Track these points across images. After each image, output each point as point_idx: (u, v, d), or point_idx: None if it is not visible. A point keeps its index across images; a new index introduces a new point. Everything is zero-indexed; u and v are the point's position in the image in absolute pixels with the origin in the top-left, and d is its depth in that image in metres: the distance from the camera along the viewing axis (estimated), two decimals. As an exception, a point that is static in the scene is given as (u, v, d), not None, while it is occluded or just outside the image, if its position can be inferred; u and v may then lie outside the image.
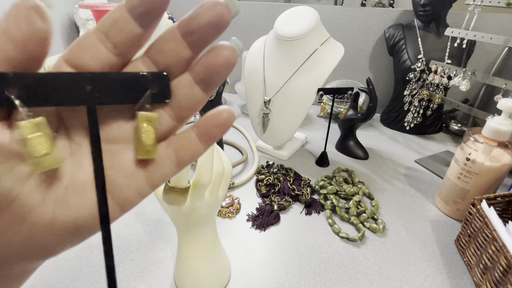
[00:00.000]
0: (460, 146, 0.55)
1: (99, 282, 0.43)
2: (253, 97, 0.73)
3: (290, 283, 0.44)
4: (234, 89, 1.11)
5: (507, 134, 0.50)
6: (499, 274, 0.38)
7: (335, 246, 0.50)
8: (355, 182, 0.65)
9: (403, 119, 0.88)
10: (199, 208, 0.34)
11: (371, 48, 0.99)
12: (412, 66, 0.85)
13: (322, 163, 0.73)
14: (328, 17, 0.98)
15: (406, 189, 0.65)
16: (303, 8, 0.66)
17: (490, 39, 0.64)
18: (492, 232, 0.41)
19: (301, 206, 0.59)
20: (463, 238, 0.49)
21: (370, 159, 0.76)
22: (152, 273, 0.44)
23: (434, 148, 0.83)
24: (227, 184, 0.37)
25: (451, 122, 0.91)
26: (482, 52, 0.89)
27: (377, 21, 0.95)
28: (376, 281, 0.44)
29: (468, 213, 0.48)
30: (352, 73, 1.05)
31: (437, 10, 0.81)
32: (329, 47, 0.65)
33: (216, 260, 0.41)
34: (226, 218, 0.55)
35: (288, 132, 0.70)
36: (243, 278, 0.44)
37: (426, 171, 0.72)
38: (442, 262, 0.48)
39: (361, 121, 0.73)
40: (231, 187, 0.63)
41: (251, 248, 0.49)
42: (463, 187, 0.54)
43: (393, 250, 0.50)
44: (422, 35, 0.86)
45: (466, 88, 0.67)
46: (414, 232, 0.53)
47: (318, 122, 0.98)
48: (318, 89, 0.64)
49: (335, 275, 0.45)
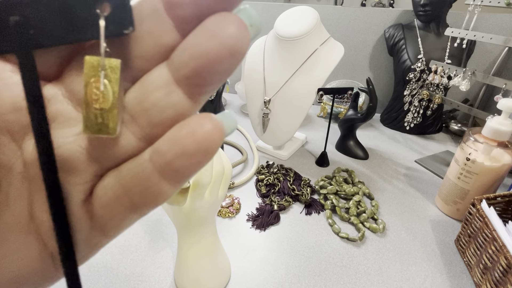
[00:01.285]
0: (460, 146, 0.55)
1: (99, 282, 0.43)
2: (253, 97, 0.73)
3: (290, 283, 0.44)
4: (234, 89, 1.11)
5: (507, 134, 0.50)
6: (499, 274, 0.38)
7: (335, 246, 0.50)
8: (355, 182, 0.65)
9: (403, 119, 0.88)
10: (199, 208, 0.34)
11: (371, 48, 0.99)
12: (412, 66, 0.85)
13: (322, 163, 0.73)
14: (328, 17, 0.98)
15: (406, 189, 0.65)
16: (303, 8, 0.66)
17: (490, 39, 0.64)
18: (492, 232, 0.41)
19: (301, 206, 0.59)
20: (463, 238, 0.49)
21: (370, 159, 0.76)
22: (152, 273, 0.44)
23: (434, 148, 0.83)
24: (227, 184, 0.37)
25: (451, 122, 0.91)
26: (482, 52, 0.89)
27: (377, 21, 0.95)
28: (376, 281, 0.44)
29: (468, 213, 0.48)
30: (352, 73, 1.05)
31: (437, 10, 0.81)
32: (329, 47, 0.65)
33: (216, 260, 0.41)
34: (226, 218, 0.55)
35: (288, 132, 0.70)
36: (243, 278, 0.44)
37: (426, 171, 0.72)
38: (442, 262, 0.48)
39: (361, 121, 0.73)
40: (231, 187, 0.63)
41: (251, 248, 0.49)
42: (463, 187, 0.54)
43: (393, 250, 0.50)
44: (422, 35, 0.86)
45: (466, 88, 0.67)
46: (414, 232, 0.53)
47: (318, 122, 0.98)
48: (318, 89, 0.64)
49: (335, 275, 0.45)
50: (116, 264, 0.45)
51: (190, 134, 0.09)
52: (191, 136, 0.09)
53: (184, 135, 0.09)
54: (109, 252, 0.47)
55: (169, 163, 0.09)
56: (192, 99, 0.09)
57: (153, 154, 0.09)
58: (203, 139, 0.09)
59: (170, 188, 0.10)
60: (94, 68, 0.09)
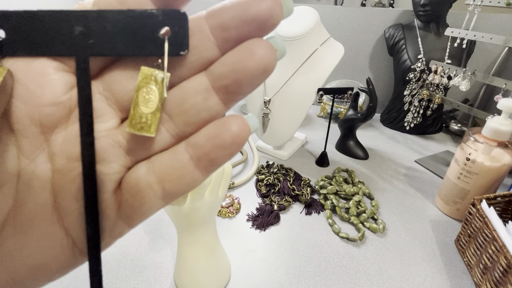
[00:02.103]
0: (460, 146, 0.55)
1: (99, 282, 0.43)
2: (253, 97, 0.73)
3: (290, 283, 0.44)
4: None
5: (507, 134, 0.50)
6: (499, 274, 0.38)
7: (335, 246, 0.50)
8: (355, 182, 0.65)
9: (403, 119, 0.88)
10: (199, 208, 0.34)
11: (371, 48, 0.99)
12: (412, 66, 0.85)
13: (322, 163, 0.73)
14: (328, 17, 0.98)
15: (406, 189, 0.65)
16: (303, 8, 0.66)
17: (490, 39, 0.64)
18: (492, 232, 0.41)
19: (301, 206, 0.59)
20: (463, 238, 0.49)
21: (370, 159, 0.76)
22: (152, 273, 0.44)
23: (434, 148, 0.83)
24: (227, 184, 0.37)
25: (451, 122, 0.91)
26: (482, 52, 0.89)
27: (377, 21, 0.95)
28: (376, 281, 0.44)
29: (468, 213, 0.48)
30: (352, 73, 1.05)
31: (437, 10, 0.81)
32: (329, 47, 0.65)
33: (216, 260, 0.41)
34: (226, 218, 0.55)
35: (288, 132, 0.70)
36: (243, 278, 0.44)
37: (426, 171, 0.72)
38: (442, 262, 0.48)
39: (361, 121, 0.73)
40: (231, 187, 0.63)
41: (251, 248, 0.49)
42: (463, 187, 0.54)
43: (393, 250, 0.50)
44: (422, 35, 0.86)
45: (466, 88, 0.67)
46: (414, 232, 0.53)
47: (318, 122, 0.98)
48: (318, 89, 0.64)
49: (335, 275, 0.45)
50: (116, 264, 0.45)
51: (228, 130, 0.10)
52: (228, 131, 0.10)
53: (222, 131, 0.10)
54: (109, 252, 0.47)
55: (206, 154, 0.11)
56: (225, 104, 0.11)
57: (189, 146, 0.11)
58: (237, 134, 0.10)
59: (201, 176, 0.11)
60: (147, 77, 0.10)
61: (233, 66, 0.10)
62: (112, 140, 0.11)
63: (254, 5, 0.10)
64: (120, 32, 0.10)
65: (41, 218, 0.11)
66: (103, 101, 0.11)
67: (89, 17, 0.10)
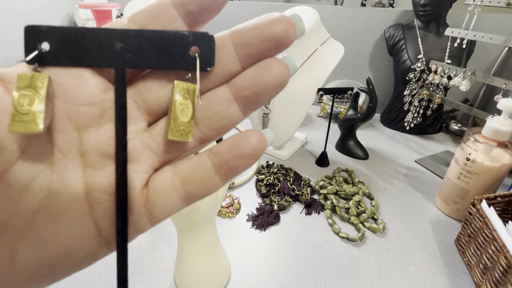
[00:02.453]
0: (460, 146, 0.55)
1: (99, 282, 0.43)
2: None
3: (290, 283, 0.44)
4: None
5: (507, 134, 0.50)
6: (499, 274, 0.38)
7: (335, 246, 0.50)
8: (355, 182, 0.65)
9: (403, 119, 0.88)
10: (199, 208, 0.34)
11: (371, 48, 0.99)
12: (412, 66, 0.85)
13: (322, 163, 0.73)
14: (328, 17, 0.98)
15: (406, 189, 0.65)
16: (303, 8, 0.66)
17: (490, 39, 0.64)
18: (492, 232, 0.41)
19: (301, 206, 0.59)
20: (463, 238, 0.49)
21: (370, 159, 0.76)
22: (152, 273, 0.44)
23: (434, 148, 0.83)
24: (227, 184, 0.37)
25: (451, 122, 0.91)
26: (482, 52, 0.89)
27: (377, 21, 0.95)
28: (376, 281, 0.44)
29: (468, 213, 0.48)
30: (352, 73, 1.05)
31: (437, 10, 0.81)
32: (329, 47, 0.65)
33: (216, 260, 0.41)
34: (226, 218, 0.55)
35: (288, 132, 0.70)
36: (243, 278, 0.44)
37: (426, 171, 0.72)
38: (442, 262, 0.48)
39: (361, 121, 0.73)
40: (231, 187, 0.63)
41: (251, 248, 0.49)
42: (463, 187, 0.54)
43: (393, 250, 0.50)
44: (422, 35, 0.86)
45: (466, 88, 0.67)
46: (414, 232, 0.53)
47: (318, 122, 0.98)
48: (318, 89, 0.64)
49: (335, 275, 0.45)
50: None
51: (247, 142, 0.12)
52: (248, 143, 0.12)
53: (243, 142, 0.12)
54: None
55: (227, 162, 0.12)
56: (244, 112, 0.12)
57: (212, 154, 0.12)
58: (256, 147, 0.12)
59: (220, 182, 0.12)
60: (181, 90, 0.12)
61: (253, 80, 0.12)
62: (142, 142, 0.12)
63: (272, 26, 0.11)
64: (155, 48, 0.12)
65: (73, 207, 0.12)
66: (134, 105, 0.12)
67: (129, 35, 0.12)
